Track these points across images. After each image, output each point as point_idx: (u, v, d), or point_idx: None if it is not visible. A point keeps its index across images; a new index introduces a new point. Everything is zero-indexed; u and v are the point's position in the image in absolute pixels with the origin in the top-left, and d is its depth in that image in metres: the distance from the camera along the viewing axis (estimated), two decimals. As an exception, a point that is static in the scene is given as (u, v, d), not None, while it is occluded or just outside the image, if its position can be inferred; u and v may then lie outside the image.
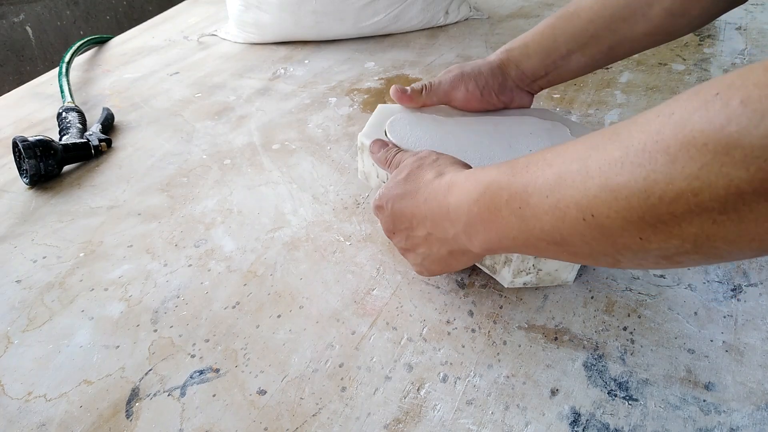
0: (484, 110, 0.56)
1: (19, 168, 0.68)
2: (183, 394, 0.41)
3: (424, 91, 0.54)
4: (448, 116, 0.55)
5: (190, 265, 0.53)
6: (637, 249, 0.27)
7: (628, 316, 0.43)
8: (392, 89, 0.54)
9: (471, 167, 0.41)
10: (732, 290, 0.44)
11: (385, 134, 0.52)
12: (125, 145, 0.74)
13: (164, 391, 0.42)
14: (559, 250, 0.31)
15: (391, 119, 0.53)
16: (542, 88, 0.56)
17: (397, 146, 0.49)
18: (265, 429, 0.38)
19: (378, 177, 0.53)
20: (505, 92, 0.55)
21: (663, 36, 0.49)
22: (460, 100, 0.54)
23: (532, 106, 0.58)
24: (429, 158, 0.42)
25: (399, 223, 0.42)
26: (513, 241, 0.33)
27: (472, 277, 0.48)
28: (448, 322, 0.45)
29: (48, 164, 0.66)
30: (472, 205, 0.35)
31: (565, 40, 0.51)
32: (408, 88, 0.54)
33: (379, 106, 0.56)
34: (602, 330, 0.42)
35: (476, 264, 0.48)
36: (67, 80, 0.87)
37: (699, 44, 0.84)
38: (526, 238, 0.32)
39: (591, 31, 0.50)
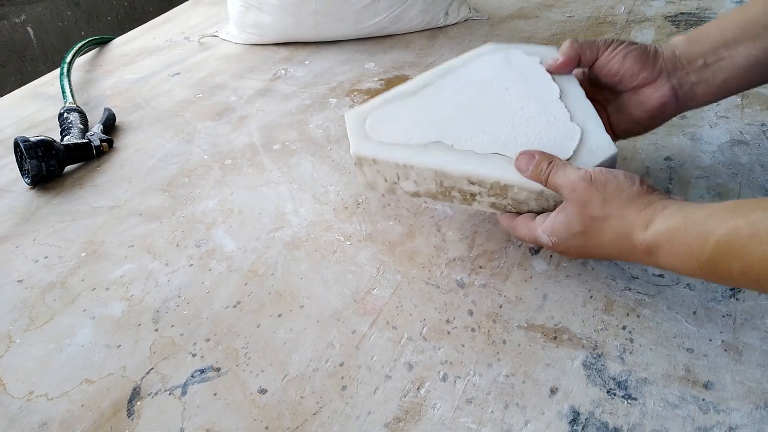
0: (619, 75, 0.48)
1: (21, 168, 0.68)
2: (184, 393, 0.42)
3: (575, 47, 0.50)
4: (414, 94, 0.53)
5: (191, 265, 0.53)
6: None
7: (627, 315, 0.43)
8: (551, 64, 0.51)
9: (639, 195, 0.39)
10: (731, 290, 0.44)
11: (366, 134, 0.50)
12: (126, 145, 0.75)
13: (165, 390, 0.42)
14: None
15: (367, 123, 0.51)
16: (696, 92, 0.47)
17: (545, 157, 0.43)
18: (266, 428, 0.39)
19: (387, 180, 0.50)
20: (647, 69, 0.47)
21: None
22: (602, 59, 0.49)
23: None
24: (594, 201, 0.39)
25: (590, 257, 0.43)
26: (752, 290, 0.34)
27: (471, 276, 0.48)
28: (447, 321, 0.45)
29: (50, 164, 0.66)
30: (692, 270, 0.35)
31: (733, 28, 0.45)
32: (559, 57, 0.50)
33: (346, 115, 0.53)
34: (601, 329, 0.43)
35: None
36: (69, 81, 0.88)
37: (698, 45, 0.85)
38: (755, 290, 0.32)
39: (764, 21, 0.45)
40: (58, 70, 0.93)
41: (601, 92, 0.52)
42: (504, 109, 0.49)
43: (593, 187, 0.40)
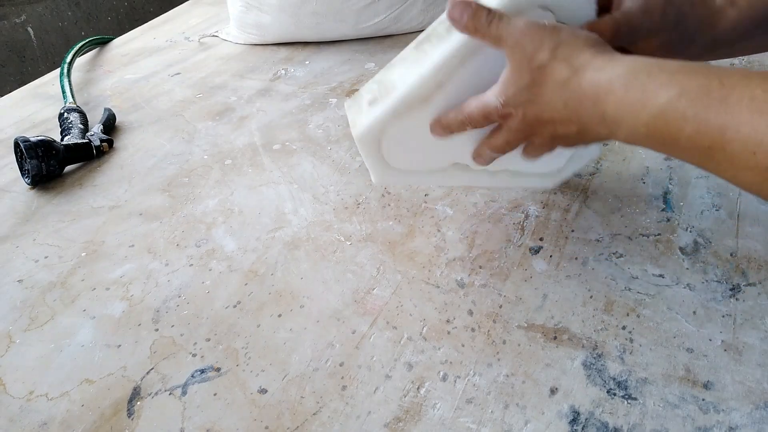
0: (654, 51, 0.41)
1: (21, 168, 0.68)
2: (184, 393, 0.42)
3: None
4: (428, 102, 0.43)
5: (192, 265, 0.53)
6: None
7: (627, 315, 0.43)
8: None
9: (597, 43, 0.34)
10: (731, 290, 0.44)
11: (383, 159, 0.45)
12: (126, 145, 0.75)
13: (165, 390, 0.42)
14: (738, 183, 0.28)
15: (384, 147, 0.45)
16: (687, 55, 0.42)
17: (483, 7, 0.38)
18: (266, 428, 0.39)
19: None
20: (690, 48, 0.41)
21: None
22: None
23: None
24: (544, 47, 0.35)
25: (538, 127, 0.38)
26: (687, 161, 0.30)
27: (471, 276, 0.48)
28: (447, 321, 0.45)
29: (50, 164, 0.66)
30: (638, 125, 0.31)
31: None
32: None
33: (358, 139, 0.44)
34: (601, 329, 0.43)
35: None
36: (69, 81, 0.88)
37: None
38: (706, 167, 0.28)
39: None
40: (58, 70, 0.93)
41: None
42: None
43: (545, 32, 0.35)
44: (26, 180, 0.67)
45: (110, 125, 0.78)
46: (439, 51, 0.41)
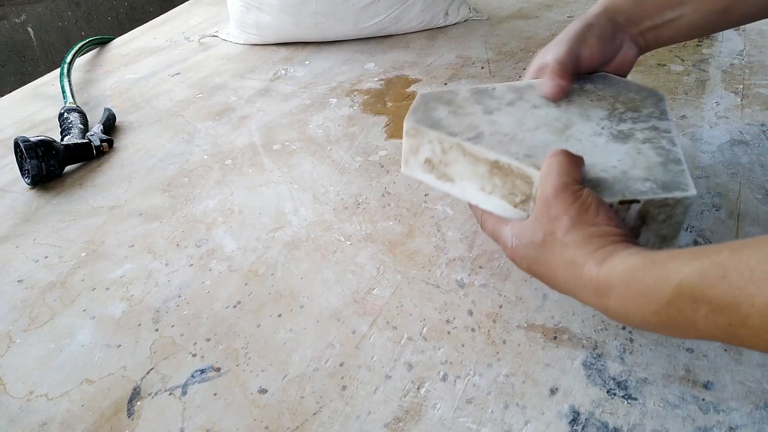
0: (599, 66, 0.50)
1: (21, 168, 0.68)
2: (184, 393, 0.42)
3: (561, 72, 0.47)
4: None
5: (192, 265, 0.53)
6: None
7: (628, 315, 0.43)
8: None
9: (605, 233, 0.35)
10: (731, 290, 0.44)
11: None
12: (127, 145, 0.75)
13: (165, 390, 0.42)
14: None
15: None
16: (648, 46, 0.51)
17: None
18: (266, 428, 0.39)
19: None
20: (615, 45, 0.49)
21: None
22: (584, 65, 0.49)
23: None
24: (562, 221, 0.36)
25: (535, 275, 0.39)
26: (710, 339, 0.30)
27: (471, 276, 0.48)
28: (447, 321, 0.45)
29: (50, 164, 0.66)
30: (647, 315, 0.31)
31: None
32: (556, 82, 0.47)
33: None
34: (601, 329, 0.43)
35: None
36: (69, 81, 0.88)
37: (698, 45, 0.85)
38: (732, 343, 0.29)
39: None
40: (58, 70, 0.93)
41: None
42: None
43: (571, 206, 0.36)
44: (26, 180, 0.67)
45: (110, 125, 0.78)
46: (503, 204, 0.42)
